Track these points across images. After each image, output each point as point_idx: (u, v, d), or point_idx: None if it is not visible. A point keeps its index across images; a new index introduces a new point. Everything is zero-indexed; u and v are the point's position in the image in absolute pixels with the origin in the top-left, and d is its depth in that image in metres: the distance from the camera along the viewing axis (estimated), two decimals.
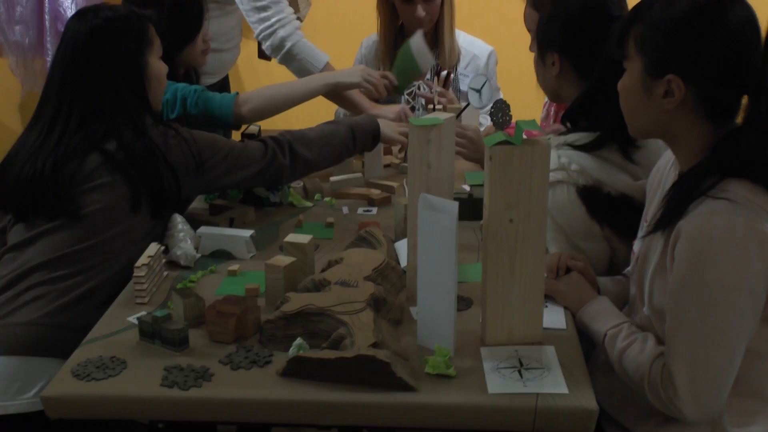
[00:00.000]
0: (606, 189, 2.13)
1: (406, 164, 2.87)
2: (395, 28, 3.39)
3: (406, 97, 3.40)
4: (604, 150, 2.15)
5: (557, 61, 2.28)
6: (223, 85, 3.78)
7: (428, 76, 3.28)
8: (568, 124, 2.28)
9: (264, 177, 2.35)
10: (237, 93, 2.70)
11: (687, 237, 1.63)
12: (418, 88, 3.34)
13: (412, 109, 3.40)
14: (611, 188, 2.13)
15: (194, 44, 2.79)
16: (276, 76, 4.51)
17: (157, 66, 2.26)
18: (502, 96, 3.44)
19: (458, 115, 2.77)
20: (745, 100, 1.69)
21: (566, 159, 2.16)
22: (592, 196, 2.14)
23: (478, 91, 2.64)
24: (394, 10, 3.33)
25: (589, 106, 2.21)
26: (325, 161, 2.49)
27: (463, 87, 3.40)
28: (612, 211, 2.13)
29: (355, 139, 2.52)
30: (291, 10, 3.21)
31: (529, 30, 2.67)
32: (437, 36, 3.37)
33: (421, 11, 3.25)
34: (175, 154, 2.18)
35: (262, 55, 4.03)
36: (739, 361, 1.64)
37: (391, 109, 3.04)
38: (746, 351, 1.65)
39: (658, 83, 1.70)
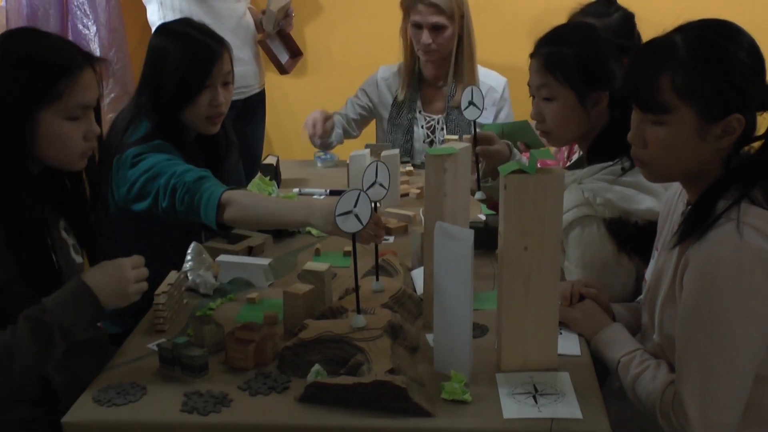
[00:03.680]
0: (633, 219, 2.12)
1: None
2: (415, 54, 3.46)
3: (426, 131, 3.45)
4: (627, 174, 2.14)
5: (605, 96, 2.21)
6: (250, 104, 3.80)
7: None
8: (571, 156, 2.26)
9: None
10: (223, 191, 2.25)
11: (695, 265, 1.64)
12: (437, 122, 3.40)
13: (431, 143, 3.45)
14: (638, 218, 2.12)
15: (195, 106, 2.49)
16: (312, 93, 4.53)
17: (57, 125, 1.84)
18: None
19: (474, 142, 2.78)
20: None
21: (590, 193, 2.15)
22: (620, 229, 2.13)
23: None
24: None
25: (617, 135, 2.11)
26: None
27: (481, 120, 3.43)
28: (641, 241, 2.10)
29: (50, 346, 1.72)
30: None
31: (535, 86, 2.31)
32: (456, 74, 3.43)
33: (427, 37, 3.30)
34: None
35: (283, 71, 4.05)
36: (749, 387, 1.64)
37: None
38: (755, 378, 1.66)
39: (716, 125, 1.65)
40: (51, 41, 1.90)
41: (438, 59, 3.41)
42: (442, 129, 3.46)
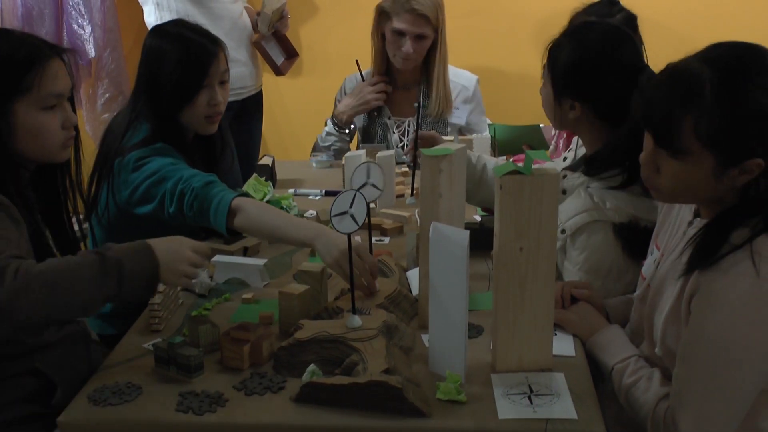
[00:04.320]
0: (642, 224, 2.11)
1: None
2: (387, 57, 3.46)
3: (398, 135, 3.46)
4: (635, 185, 2.11)
5: (578, 107, 2.17)
6: (248, 105, 3.79)
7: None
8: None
9: None
10: (233, 197, 2.21)
11: (708, 293, 1.62)
12: (408, 125, 3.42)
13: (404, 148, 3.45)
14: (647, 222, 2.09)
15: (193, 106, 2.48)
16: (308, 94, 4.52)
17: (32, 117, 1.87)
18: (488, 120, 3.52)
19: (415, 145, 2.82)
20: None
21: (599, 198, 2.14)
22: (630, 234, 2.12)
23: None
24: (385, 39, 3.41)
25: (619, 152, 2.12)
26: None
27: (454, 120, 3.46)
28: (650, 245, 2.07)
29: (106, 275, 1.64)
30: None
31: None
32: (428, 81, 3.44)
33: (409, 47, 3.30)
34: None
35: (278, 72, 4.05)
36: (745, 413, 1.64)
37: None
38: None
39: (734, 169, 1.60)
40: (14, 37, 1.91)
41: (413, 68, 3.42)
42: (414, 131, 3.46)
